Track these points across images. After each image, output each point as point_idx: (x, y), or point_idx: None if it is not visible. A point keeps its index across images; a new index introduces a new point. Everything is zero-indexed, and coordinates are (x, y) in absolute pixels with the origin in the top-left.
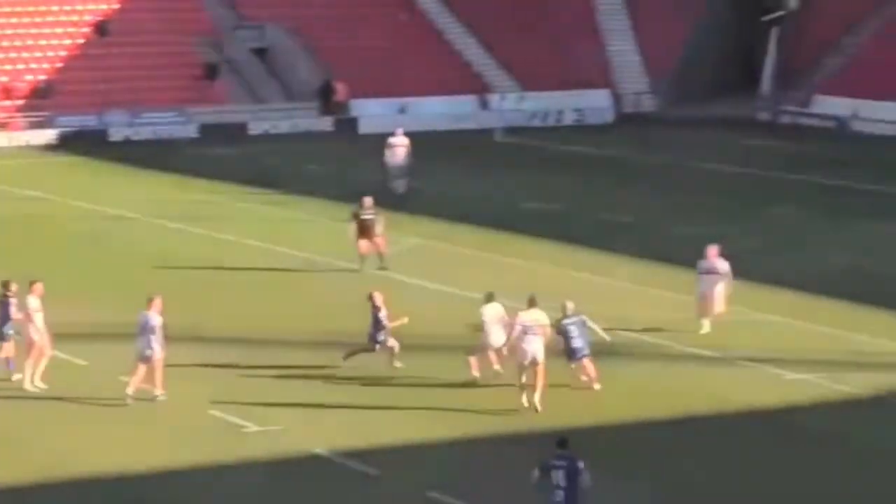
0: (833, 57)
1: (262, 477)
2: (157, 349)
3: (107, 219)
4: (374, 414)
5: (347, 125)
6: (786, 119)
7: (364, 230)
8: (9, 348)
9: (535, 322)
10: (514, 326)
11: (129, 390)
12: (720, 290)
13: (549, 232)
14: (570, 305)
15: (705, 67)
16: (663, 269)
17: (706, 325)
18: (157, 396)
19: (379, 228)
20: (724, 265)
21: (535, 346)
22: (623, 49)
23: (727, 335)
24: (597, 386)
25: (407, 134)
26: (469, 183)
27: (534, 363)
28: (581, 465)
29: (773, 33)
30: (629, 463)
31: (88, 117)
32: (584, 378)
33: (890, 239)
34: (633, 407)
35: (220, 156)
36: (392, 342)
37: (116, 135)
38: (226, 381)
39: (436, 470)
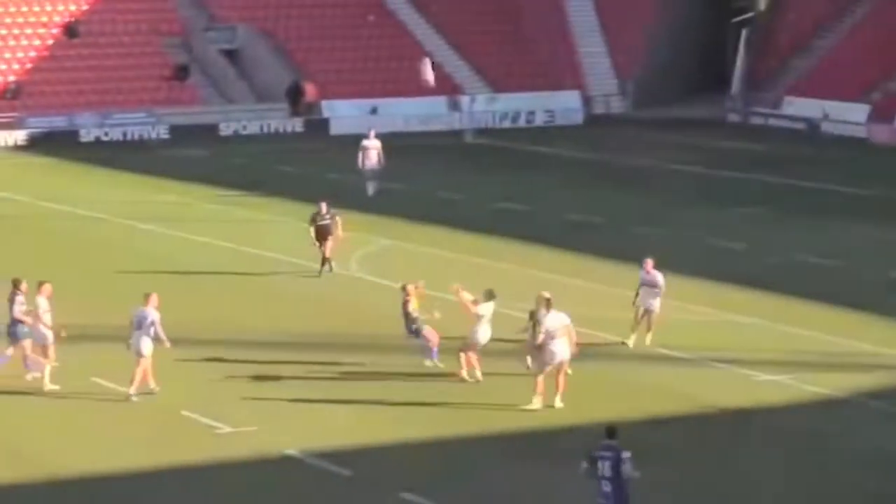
0: (803, 59)
1: (234, 478)
2: (149, 345)
3: (77, 219)
4: (346, 414)
5: (318, 126)
6: (756, 120)
7: (321, 235)
8: (26, 347)
9: (560, 324)
10: (540, 333)
11: (132, 389)
12: (656, 307)
13: (519, 232)
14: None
15: (675, 69)
16: (633, 271)
17: (632, 340)
18: (139, 393)
19: (336, 232)
20: (660, 278)
21: (562, 348)
22: (593, 51)
23: (698, 336)
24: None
25: (378, 135)
26: (439, 184)
27: (560, 365)
28: (625, 455)
29: (743, 35)
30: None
31: (58, 118)
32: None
33: (860, 239)
34: (604, 408)
35: (191, 157)
36: (428, 334)
37: (87, 136)
38: (198, 383)
39: (409, 470)
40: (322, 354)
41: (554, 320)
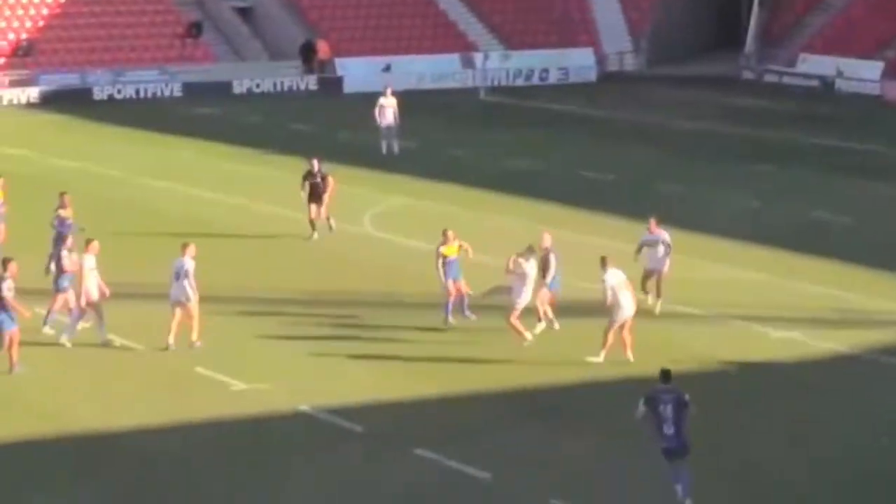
0: (817, 16)
1: (248, 434)
2: (191, 294)
3: (90, 177)
4: (359, 372)
5: (332, 84)
6: (770, 78)
7: (314, 194)
8: (69, 299)
9: (621, 279)
10: (605, 290)
11: (170, 339)
12: (664, 267)
13: (533, 190)
14: (547, 238)
15: (689, 26)
16: (643, 227)
17: (655, 302)
18: (194, 344)
19: (328, 192)
20: (666, 237)
21: (629, 303)
22: (606, 8)
23: (712, 293)
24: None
25: (391, 93)
26: (453, 141)
27: (627, 320)
28: (687, 397)
29: None
30: (612, 421)
31: (71, 76)
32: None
33: (874, 197)
34: (618, 365)
35: (204, 114)
36: (450, 286)
37: (100, 93)
38: (213, 340)
39: (422, 427)
40: (335, 311)
41: (614, 277)
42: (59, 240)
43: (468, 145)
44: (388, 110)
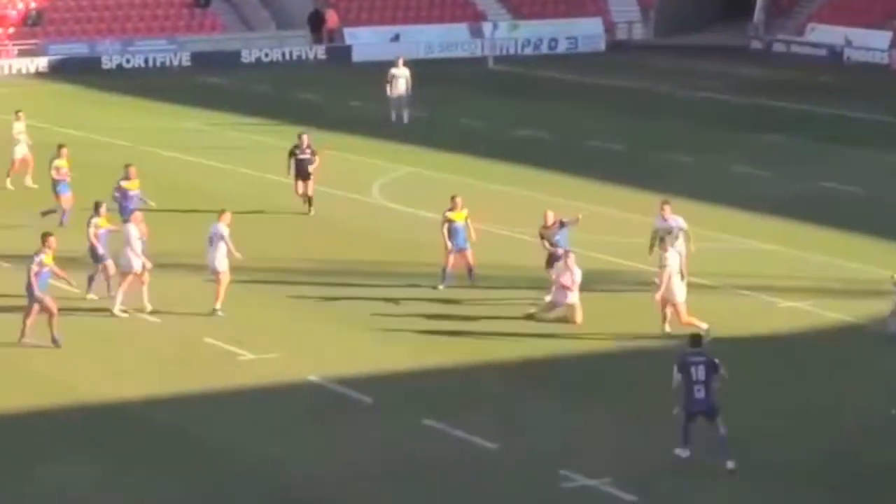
0: None
1: (257, 403)
2: (222, 262)
3: (98, 147)
4: (368, 342)
5: (340, 53)
6: (778, 47)
7: (300, 171)
8: (109, 267)
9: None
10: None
11: (217, 305)
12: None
13: (541, 159)
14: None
15: None
16: (655, 197)
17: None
18: (216, 311)
19: (312, 169)
20: (681, 222)
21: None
22: None
23: (720, 263)
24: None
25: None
26: (461, 111)
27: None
28: (717, 360)
29: None
30: (620, 391)
31: (80, 45)
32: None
33: (883, 166)
34: (625, 336)
35: (213, 84)
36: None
37: (108, 63)
38: (221, 310)
39: (430, 398)
40: (344, 282)
41: (674, 259)
42: (123, 212)
43: (477, 115)
44: (400, 80)
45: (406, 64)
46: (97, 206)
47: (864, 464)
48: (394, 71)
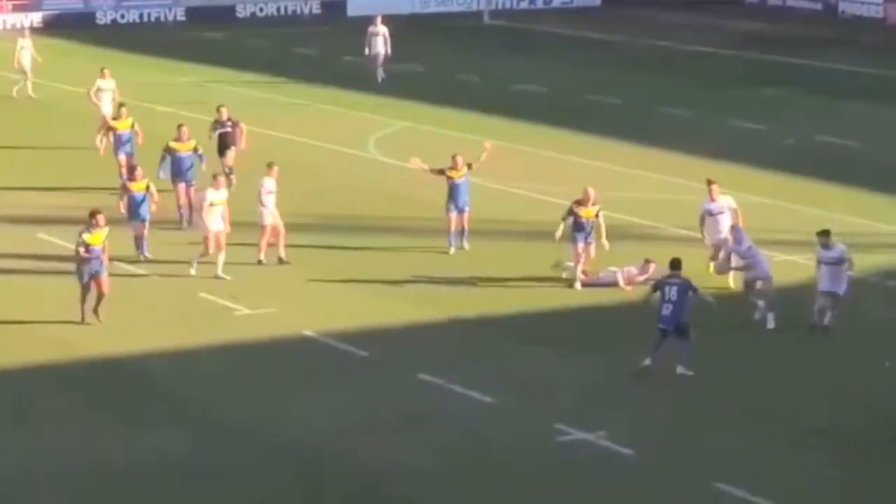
0: None
1: (253, 358)
2: (269, 214)
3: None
4: (363, 297)
5: (336, 8)
6: (773, 1)
7: (223, 144)
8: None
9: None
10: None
11: (261, 255)
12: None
13: (538, 114)
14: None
15: None
16: (651, 152)
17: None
18: (282, 259)
19: (239, 142)
20: (732, 201)
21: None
22: None
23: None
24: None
25: (394, 17)
26: (457, 65)
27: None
28: (694, 283)
29: None
30: (614, 346)
31: (74, 0)
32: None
33: (879, 120)
34: (623, 291)
35: (208, 39)
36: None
37: (103, 18)
38: (217, 264)
39: (425, 352)
40: (340, 237)
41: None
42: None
43: (473, 70)
44: (378, 38)
45: (385, 22)
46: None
47: (865, 413)
48: (371, 29)
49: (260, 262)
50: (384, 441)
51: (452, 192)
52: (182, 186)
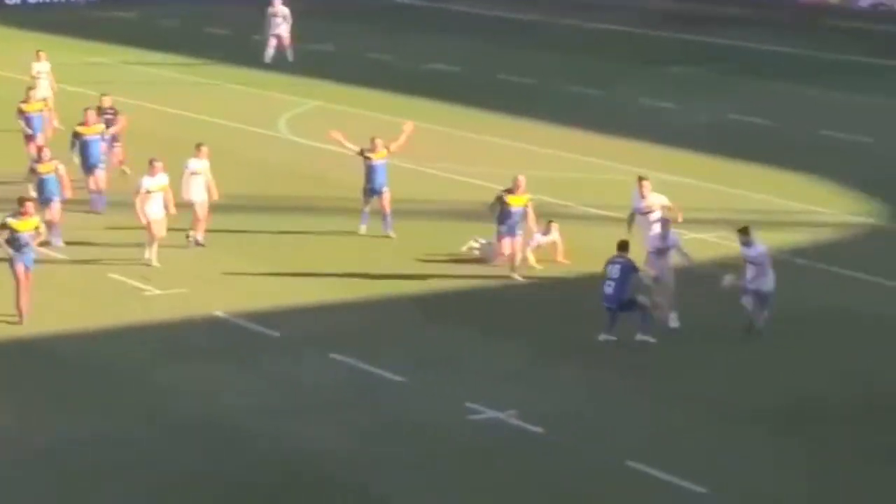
0: None
1: (164, 338)
2: (194, 193)
3: (4, 83)
4: (275, 279)
5: None
6: None
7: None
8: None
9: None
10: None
11: (198, 235)
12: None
13: (451, 93)
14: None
15: None
16: (563, 130)
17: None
18: (194, 240)
19: (117, 130)
20: (663, 200)
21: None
22: None
23: (626, 195)
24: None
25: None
26: (369, 45)
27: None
28: (637, 265)
29: None
30: (525, 324)
31: None
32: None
33: (790, 98)
34: (534, 271)
35: (120, 18)
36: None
37: None
38: (126, 246)
39: (337, 332)
40: (251, 217)
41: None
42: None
43: (385, 49)
44: (278, 19)
45: (285, 3)
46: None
47: (786, 396)
48: (270, 10)
49: (197, 242)
50: (296, 420)
51: (369, 174)
52: (90, 171)
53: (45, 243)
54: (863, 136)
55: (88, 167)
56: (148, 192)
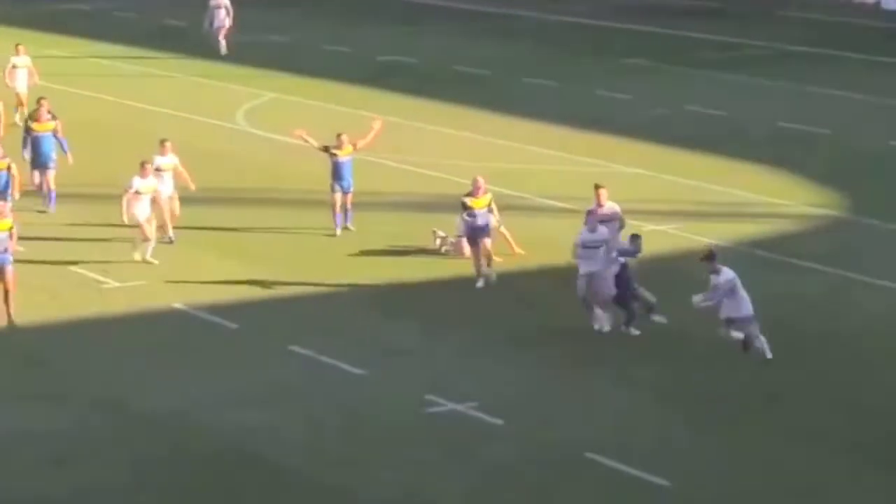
0: None
1: (124, 331)
2: (166, 189)
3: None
4: (233, 270)
5: None
6: None
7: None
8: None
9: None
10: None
11: (168, 232)
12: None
13: (407, 85)
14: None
15: None
16: (519, 122)
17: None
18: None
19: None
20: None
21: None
22: None
23: (584, 187)
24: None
25: None
26: (324, 37)
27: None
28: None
29: None
30: (483, 317)
31: None
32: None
33: (747, 90)
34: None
35: (76, 11)
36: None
37: None
38: (87, 240)
39: (296, 324)
40: (210, 209)
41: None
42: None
43: (340, 41)
44: (220, 11)
45: None
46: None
47: (739, 382)
48: (212, 2)
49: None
50: (255, 412)
51: (336, 171)
52: (39, 169)
53: None
54: (820, 127)
55: (39, 165)
56: (137, 192)
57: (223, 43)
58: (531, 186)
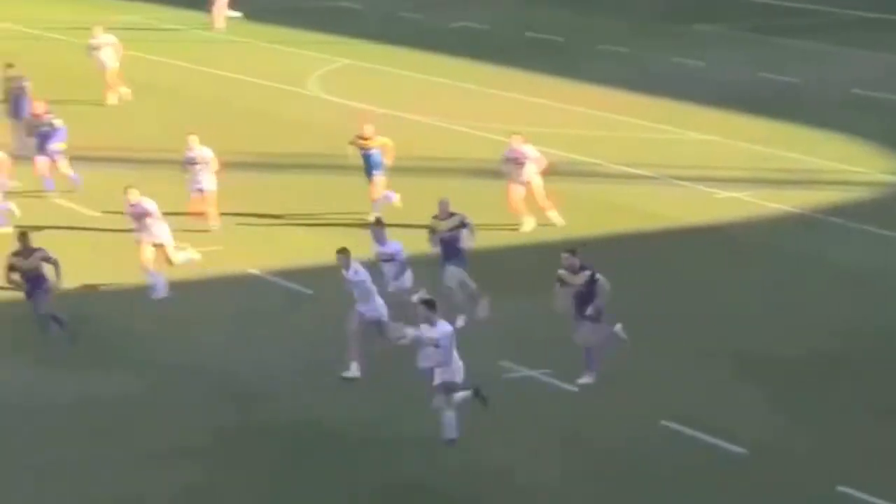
0: None
1: (198, 295)
2: (206, 181)
3: (21, 38)
4: (307, 236)
5: None
6: None
7: (16, 106)
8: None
9: None
10: None
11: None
12: (536, 183)
13: (480, 51)
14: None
15: None
16: (590, 88)
17: (529, 223)
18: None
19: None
20: (532, 152)
21: None
22: None
23: (660, 154)
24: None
25: None
26: (397, 3)
27: None
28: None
29: None
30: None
31: None
32: None
33: (821, 56)
34: (566, 226)
35: None
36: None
37: None
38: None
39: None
40: (284, 176)
41: None
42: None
43: (413, 7)
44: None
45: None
46: None
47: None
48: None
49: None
50: (330, 380)
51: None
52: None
53: None
54: (894, 93)
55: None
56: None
57: (216, 16)
58: (604, 153)
